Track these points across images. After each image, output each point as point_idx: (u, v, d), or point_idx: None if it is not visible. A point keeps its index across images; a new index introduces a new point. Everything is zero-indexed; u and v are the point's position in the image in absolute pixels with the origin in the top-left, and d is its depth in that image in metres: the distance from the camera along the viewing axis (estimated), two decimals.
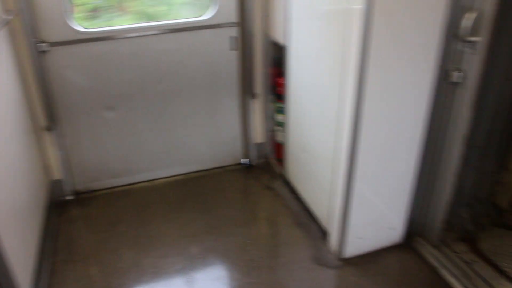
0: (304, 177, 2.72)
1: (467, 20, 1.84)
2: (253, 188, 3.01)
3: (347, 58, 1.95)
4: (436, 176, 2.25)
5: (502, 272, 2.24)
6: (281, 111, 2.94)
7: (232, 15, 2.77)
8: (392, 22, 1.80)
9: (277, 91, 2.95)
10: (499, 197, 2.63)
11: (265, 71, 2.98)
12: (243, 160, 3.26)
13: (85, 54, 2.59)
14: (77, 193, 2.95)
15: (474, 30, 1.85)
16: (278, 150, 3.13)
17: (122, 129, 2.86)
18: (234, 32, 2.82)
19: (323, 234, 2.50)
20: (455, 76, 1.96)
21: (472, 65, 1.90)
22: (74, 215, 2.78)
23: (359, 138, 2.01)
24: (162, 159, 3.06)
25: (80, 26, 2.53)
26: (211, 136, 3.11)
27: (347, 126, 2.02)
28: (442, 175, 2.22)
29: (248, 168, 3.24)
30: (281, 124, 2.99)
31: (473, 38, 1.86)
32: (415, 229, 2.44)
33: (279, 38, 2.72)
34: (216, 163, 3.22)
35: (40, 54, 2.51)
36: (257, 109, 3.10)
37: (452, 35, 1.92)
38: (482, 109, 2.21)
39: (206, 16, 2.74)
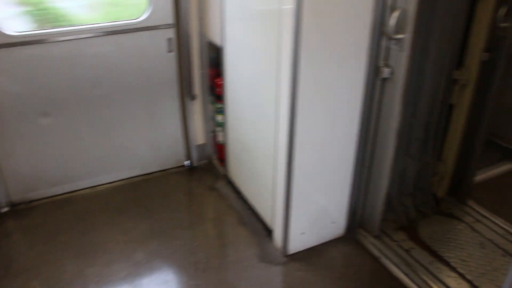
0: (247, 176, 2.74)
1: (393, 19, 1.91)
2: (197, 189, 3.00)
3: (280, 57, 1.98)
4: (373, 169, 2.33)
5: (438, 257, 2.36)
6: (220, 111, 2.94)
7: (167, 16, 2.73)
8: (322, 21, 1.84)
9: (216, 91, 2.95)
10: (436, 187, 2.76)
11: (203, 72, 2.97)
12: (185, 162, 3.23)
13: (15, 58, 2.46)
14: (13, 205, 2.82)
15: (399, 28, 1.93)
16: (220, 150, 3.13)
17: (59, 135, 2.76)
18: (170, 33, 2.79)
19: (268, 232, 2.53)
20: (385, 72, 2.04)
21: (400, 61, 1.99)
22: (10, 228, 2.66)
23: (296, 135, 2.05)
24: (103, 164, 2.98)
25: (9, 29, 2.42)
26: (152, 140, 3.06)
27: (284, 124, 2.06)
28: (379, 168, 2.29)
29: (191, 170, 3.22)
30: (221, 125, 3.00)
31: (399, 36, 1.94)
32: (357, 221, 2.51)
33: (216, 39, 2.72)
34: (158, 166, 3.18)
35: None
36: (197, 110, 3.09)
37: (380, 33, 1.99)
38: (416, 103, 2.31)
39: (141, 17, 2.69)
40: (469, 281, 2.21)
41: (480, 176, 3.05)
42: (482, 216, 2.70)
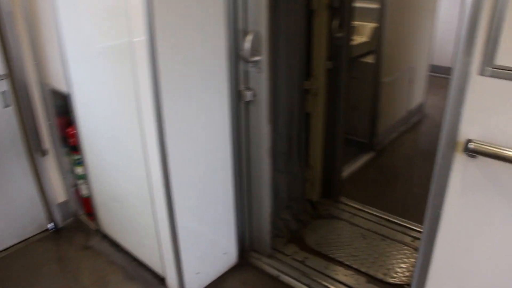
0: (123, 227, 2.54)
1: (247, 42, 1.93)
2: (69, 253, 2.68)
3: (139, 95, 1.86)
4: (253, 191, 2.33)
5: (331, 259, 2.44)
6: (79, 163, 2.69)
7: None
8: (178, 51, 1.78)
9: (70, 142, 2.68)
10: (309, 193, 2.87)
11: (51, 123, 2.68)
12: (49, 225, 2.88)
13: None
14: None
15: (254, 50, 1.95)
16: (86, 204, 2.86)
17: None
18: (3, 86, 2.46)
19: (161, 280, 2.37)
20: (248, 95, 2.05)
21: (260, 83, 2.01)
22: None
23: (170, 174, 1.94)
24: None
25: None
26: (3, 208, 2.66)
27: (156, 165, 1.93)
28: (258, 189, 2.30)
29: (57, 233, 2.87)
30: (83, 177, 2.74)
31: (255, 58, 1.96)
32: (248, 246, 2.49)
33: (60, 86, 2.48)
34: (17, 237, 2.77)
35: None
36: (51, 165, 2.77)
37: (237, 58, 2.00)
38: (276, 118, 2.37)
39: None
40: (364, 274, 2.33)
41: (346, 173, 3.27)
42: (356, 209, 2.89)
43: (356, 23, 3.39)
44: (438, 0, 4.21)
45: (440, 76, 5.20)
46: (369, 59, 3.40)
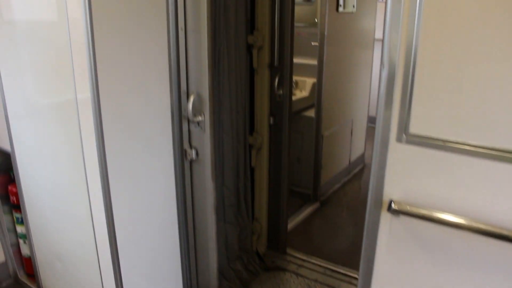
0: (69, 286, 2.46)
1: (189, 104, 2.01)
2: None
3: (83, 153, 1.88)
4: (200, 247, 2.34)
5: None
6: (20, 221, 2.61)
7: None
8: (122, 111, 1.82)
9: (11, 200, 2.62)
10: (256, 245, 2.91)
11: None
12: None
13: None
14: None
15: (197, 111, 2.03)
16: (27, 264, 2.75)
17: None
18: None
19: None
20: (192, 154, 2.11)
21: (203, 142, 2.08)
22: None
23: (116, 234, 1.93)
24: None
25: None
26: None
27: (100, 224, 1.93)
28: (205, 244, 2.32)
29: None
30: (24, 236, 2.66)
31: (198, 119, 2.04)
32: None
33: (2, 144, 2.44)
34: None
35: None
36: None
37: (182, 117, 2.06)
38: (224, 173, 2.43)
39: None
40: None
41: (291, 224, 3.34)
42: (302, 260, 2.95)
43: (296, 78, 3.58)
44: (373, 54, 4.50)
45: None
46: (310, 113, 3.57)
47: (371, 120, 5.04)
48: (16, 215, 2.63)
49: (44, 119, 2.09)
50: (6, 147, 2.40)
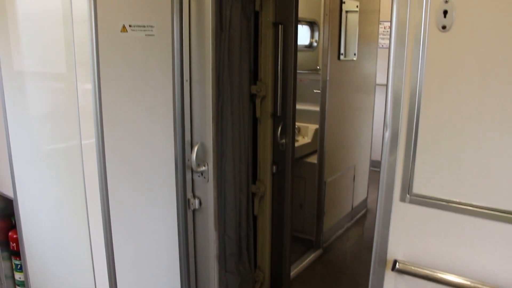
0: None
1: (193, 153, 2.03)
2: None
3: (87, 201, 1.88)
4: None
5: None
6: (20, 268, 2.59)
7: None
8: (127, 160, 1.84)
9: (10, 246, 2.59)
10: None
11: None
12: None
13: None
14: None
15: (201, 161, 2.05)
16: None
17: None
18: None
19: None
20: (195, 203, 2.11)
21: (207, 192, 2.09)
22: None
23: (117, 283, 1.91)
24: None
25: None
26: None
27: (102, 274, 1.91)
28: None
29: None
30: (22, 284, 2.62)
31: (201, 168, 2.05)
32: None
33: (5, 190, 2.44)
34: None
35: None
36: None
37: (185, 167, 2.08)
38: (226, 223, 2.42)
39: None
40: None
41: (294, 271, 3.29)
42: None
43: (299, 124, 3.61)
44: (375, 98, 4.55)
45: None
46: (313, 159, 3.58)
47: (374, 164, 5.05)
48: (16, 261, 2.60)
49: (48, 165, 2.10)
50: (9, 193, 2.40)
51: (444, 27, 1.11)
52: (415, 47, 1.14)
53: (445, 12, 1.10)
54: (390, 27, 1.17)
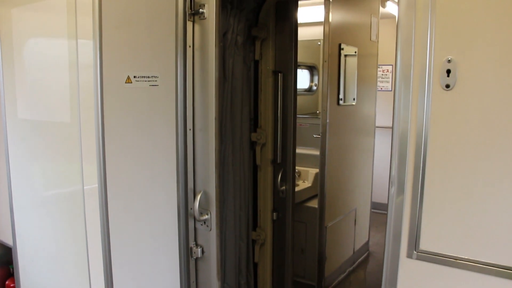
0: None
1: (196, 202, 2.02)
2: None
3: (88, 248, 1.85)
4: None
5: None
6: None
7: None
8: (129, 205, 1.84)
9: None
10: None
11: None
12: None
13: None
14: None
15: (204, 209, 2.04)
16: None
17: None
18: None
19: None
20: (197, 252, 2.08)
21: (209, 240, 2.07)
22: None
23: None
24: None
25: None
26: None
27: None
28: None
29: None
30: None
31: (204, 217, 2.04)
32: None
33: (4, 238, 2.42)
34: None
35: None
36: None
37: (188, 215, 2.07)
38: (224, 268, 2.39)
39: None
40: None
41: None
42: None
43: (299, 168, 3.62)
44: (375, 140, 4.57)
45: (381, 213, 5.45)
46: (313, 204, 3.57)
47: (375, 206, 5.03)
48: None
49: (49, 212, 2.09)
50: (8, 240, 2.38)
51: (447, 86, 1.13)
52: (420, 106, 1.16)
53: (448, 72, 1.13)
54: (394, 87, 1.20)
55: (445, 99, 1.14)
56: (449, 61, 1.13)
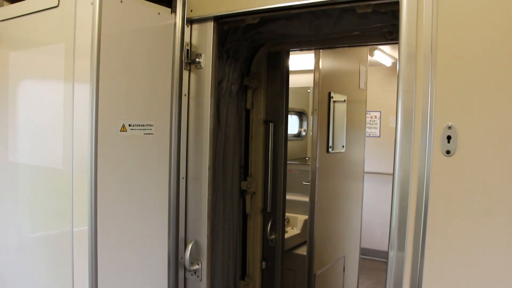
0: None
1: (187, 251, 1.99)
2: None
3: None
4: None
5: None
6: None
7: None
8: (118, 254, 1.80)
9: None
10: None
11: None
12: None
13: None
14: None
15: (194, 259, 2.00)
16: None
17: None
18: None
19: None
20: None
21: None
22: None
23: None
24: None
25: None
26: None
27: None
28: None
29: None
30: None
31: (195, 267, 2.00)
32: None
33: None
34: None
35: None
36: None
37: (178, 265, 2.03)
38: None
39: None
40: None
41: None
42: None
43: (288, 215, 3.59)
44: (363, 185, 4.57)
45: (369, 259, 5.41)
46: (302, 251, 3.53)
47: (363, 252, 4.99)
48: None
49: (36, 253, 2.03)
50: None
51: (448, 152, 1.15)
52: (420, 172, 1.17)
53: (449, 138, 1.15)
54: (394, 155, 1.21)
55: (446, 165, 1.15)
56: (449, 127, 1.16)
